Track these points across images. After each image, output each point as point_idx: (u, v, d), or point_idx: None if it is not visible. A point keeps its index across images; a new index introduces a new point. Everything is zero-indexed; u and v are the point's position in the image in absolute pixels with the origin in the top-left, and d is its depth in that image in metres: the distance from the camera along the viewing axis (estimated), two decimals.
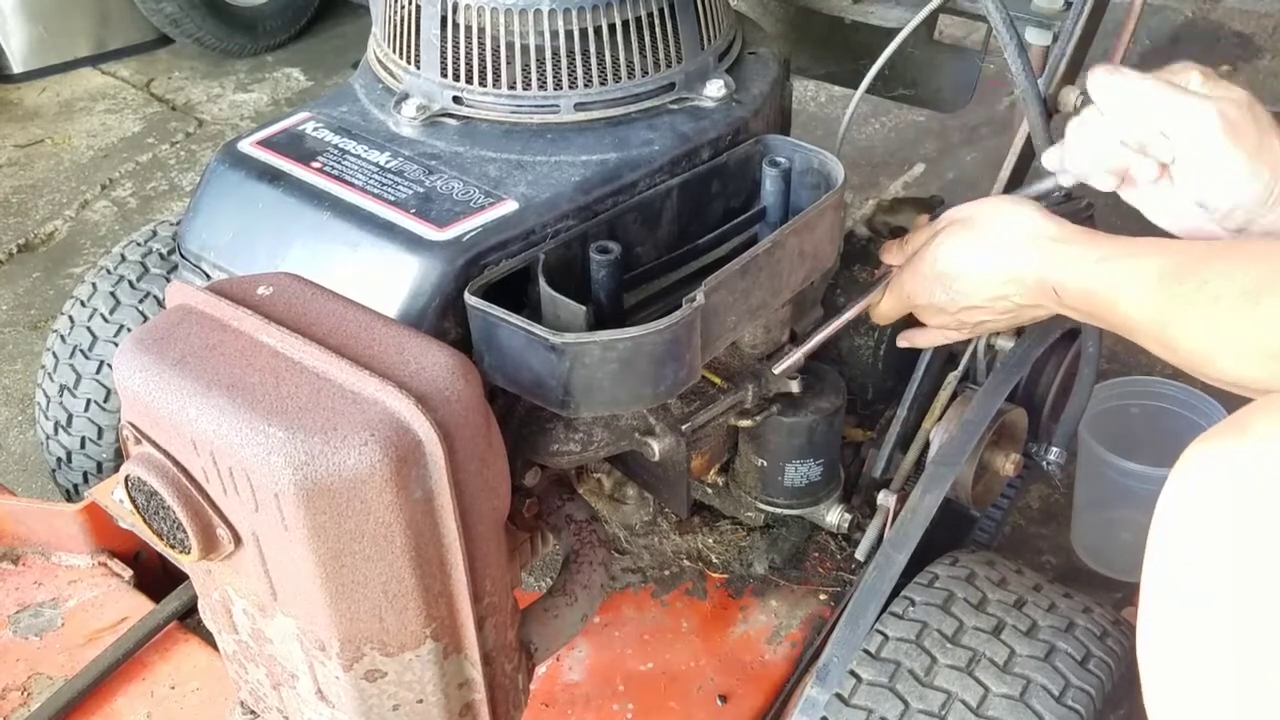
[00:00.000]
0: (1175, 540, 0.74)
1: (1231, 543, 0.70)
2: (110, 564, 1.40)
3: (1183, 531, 0.73)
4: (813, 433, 1.27)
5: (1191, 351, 0.85)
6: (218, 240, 1.03)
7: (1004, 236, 1.02)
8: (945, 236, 1.07)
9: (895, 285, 1.14)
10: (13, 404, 2.25)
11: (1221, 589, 0.70)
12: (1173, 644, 0.74)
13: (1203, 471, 0.73)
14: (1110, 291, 0.92)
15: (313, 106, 1.10)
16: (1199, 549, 0.72)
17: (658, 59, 1.05)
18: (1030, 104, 1.18)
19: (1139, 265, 0.90)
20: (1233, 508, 0.70)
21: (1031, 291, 1.00)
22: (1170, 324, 0.86)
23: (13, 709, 1.25)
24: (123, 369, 0.79)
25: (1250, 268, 0.82)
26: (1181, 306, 0.85)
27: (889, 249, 1.18)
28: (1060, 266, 0.97)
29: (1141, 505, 1.66)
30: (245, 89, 3.47)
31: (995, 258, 1.03)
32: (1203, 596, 0.71)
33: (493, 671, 0.93)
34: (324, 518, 0.75)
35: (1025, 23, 1.26)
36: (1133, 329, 0.90)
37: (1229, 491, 0.71)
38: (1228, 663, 0.70)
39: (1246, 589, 0.69)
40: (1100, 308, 0.93)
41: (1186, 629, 0.73)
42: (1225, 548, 0.70)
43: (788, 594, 1.41)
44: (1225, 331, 0.81)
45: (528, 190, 0.98)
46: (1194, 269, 0.85)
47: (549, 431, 1.05)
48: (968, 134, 2.96)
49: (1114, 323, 0.93)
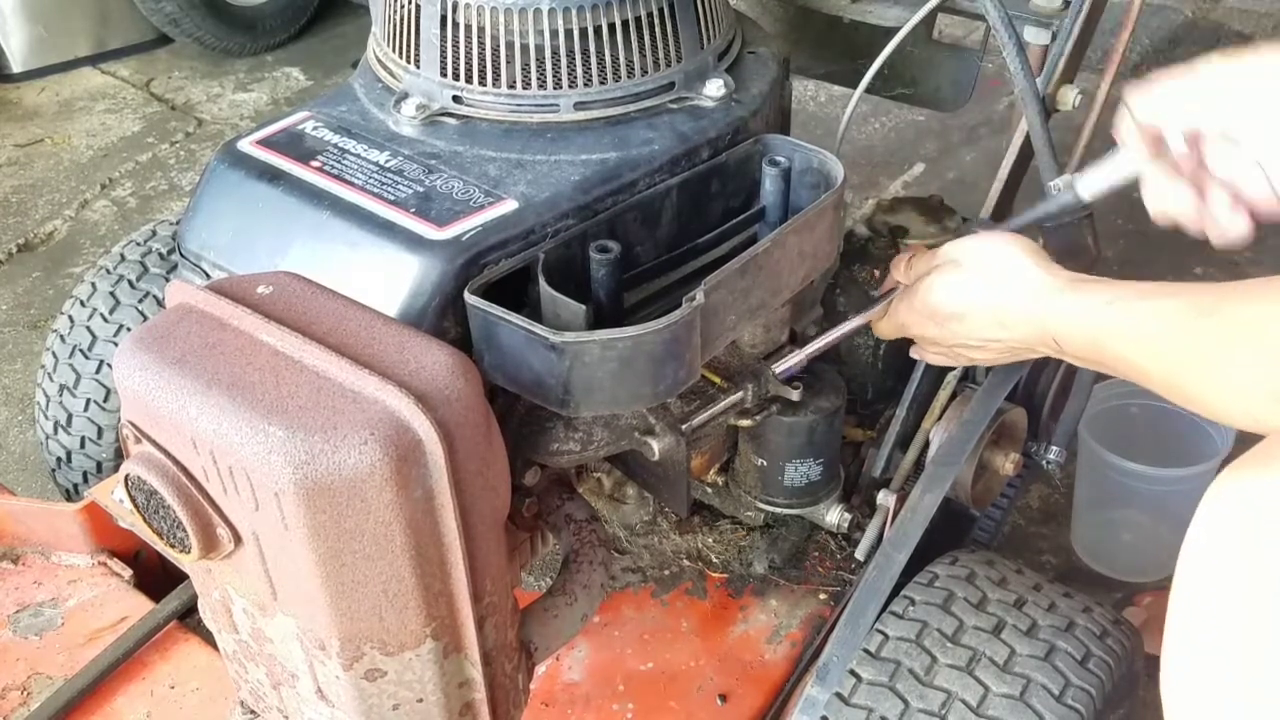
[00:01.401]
0: (1201, 571, 0.75)
1: (1253, 576, 0.71)
2: (110, 564, 1.40)
3: (1208, 562, 0.74)
4: (813, 432, 1.27)
5: (1208, 394, 0.81)
6: (217, 239, 1.03)
7: (997, 282, 1.01)
8: (939, 275, 1.05)
9: (894, 310, 1.13)
10: (13, 404, 2.25)
11: (1242, 621, 0.71)
12: (1194, 673, 0.75)
13: (1229, 504, 0.74)
14: (1118, 336, 0.89)
15: (312, 106, 1.10)
16: (1223, 581, 0.73)
17: (657, 58, 1.05)
18: (1029, 103, 1.18)
19: (1151, 308, 0.87)
20: (1255, 542, 0.71)
21: (1026, 339, 0.99)
22: (1186, 365, 0.83)
23: (13, 709, 1.25)
24: (122, 368, 0.79)
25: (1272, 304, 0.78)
26: (1199, 346, 0.82)
27: (896, 265, 1.16)
28: (1060, 317, 0.95)
29: (1141, 505, 1.69)
30: (245, 89, 3.47)
31: (987, 303, 1.01)
32: (1224, 628, 0.72)
33: (493, 671, 0.93)
34: (324, 517, 0.75)
35: (1024, 22, 1.26)
36: (1144, 372, 0.87)
37: (1252, 526, 0.71)
38: (1246, 694, 0.71)
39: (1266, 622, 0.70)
40: (1106, 354, 0.91)
41: (1208, 659, 0.73)
42: (1247, 581, 0.71)
43: (788, 594, 1.41)
44: (1245, 371, 0.78)
45: (527, 189, 0.98)
46: (1212, 307, 0.82)
47: (549, 431, 1.05)
48: (967, 134, 2.96)
49: (1120, 368, 0.91)
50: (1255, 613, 0.70)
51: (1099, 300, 0.92)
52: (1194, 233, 0.96)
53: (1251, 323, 0.78)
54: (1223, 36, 3.41)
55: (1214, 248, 0.95)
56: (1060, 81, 1.25)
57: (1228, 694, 0.72)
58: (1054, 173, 1.18)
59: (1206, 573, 0.74)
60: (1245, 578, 0.71)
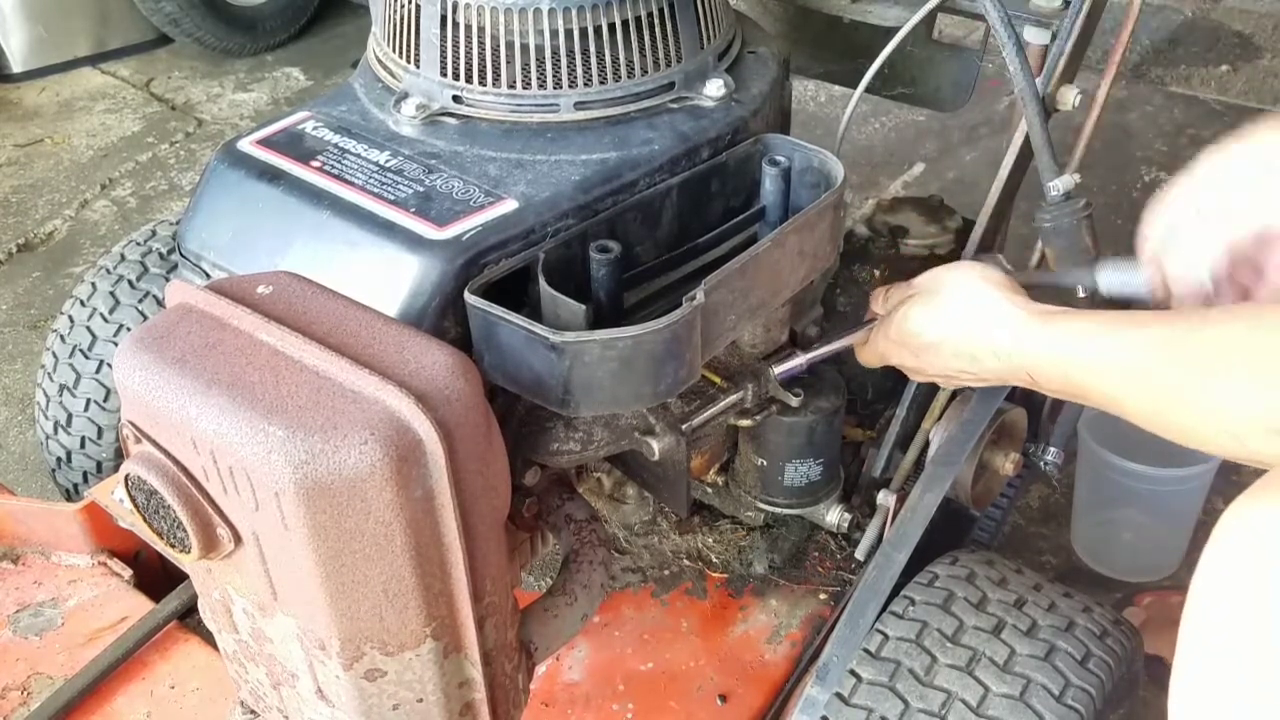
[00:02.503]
0: (1210, 601, 0.75)
1: (1262, 607, 0.71)
2: (110, 563, 1.40)
3: (1218, 592, 0.74)
4: (813, 432, 1.27)
5: (1186, 421, 0.80)
6: (217, 239, 1.03)
7: (966, 315, 0.99)
8: (910, 306, 1.04)
9: (873, 340, 1.11)
10: (13, 404, 2.25)
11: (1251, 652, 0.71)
12: (1202, 704, 0.75)
13: (1238, 533, 0.74)
14: (1090, 370, 0.87)
15: (312, 106, 1.10)
16: (1232, 611, 0.73)
17: (657, 58, 1.05)
18: (1029, 103, 1.18)
19: (1123, 339, 0.85)
20: (1267, 572, 0.71)
21: (998, 373, 0.97)
22: (1162, 394, 0.81)
23: (13, 709, 1.25)
24: (123, 368, 0.79)
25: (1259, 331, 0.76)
26: (1172, 374, 0.80)
27: (875, 297, 1.15)
28: (1031, 353, 0.93)
29: (1141, 505, 1.69)
30: (245, 88, 3.47)
31: (956, 334, 1.00)
32: (1233, 657, 0.72)
33: (493, 671, 0.93)
34: (324, 517, 0.75)
35: (1023, 22, 1.26)
36: (1120, 404, 0.85)
37: (1264, 555, 0.71)
38: None
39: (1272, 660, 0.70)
40: (1080, 387, 0.89)
41: (1215, 689, 0.74)
42: (1257, 612, 0.71)
43: (788, 593, 1.41)
44: (1222, 395, 0.76)
45: (527, 189, 0.98)
46: (1184, 334, 0.81)
47: (549, 431, 1.05)
48: (967, 134, 2.96)
49: (1096, 400, 0.88)
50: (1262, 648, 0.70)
51: (1069, 333, 0.90)
52: None
53: (1225, 346, 0.77)
54: (1222, 36, 3.41)
55: None
56: (1060, 81, 1.25)
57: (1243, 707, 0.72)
58: (1054, 173, 1.18)
59: (1215, 607, 0.74)
60: (1253, 613, 0.71)
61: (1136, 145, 2.91)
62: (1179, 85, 3.18)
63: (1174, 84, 3.19)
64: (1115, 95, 1.04)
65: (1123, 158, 2.84)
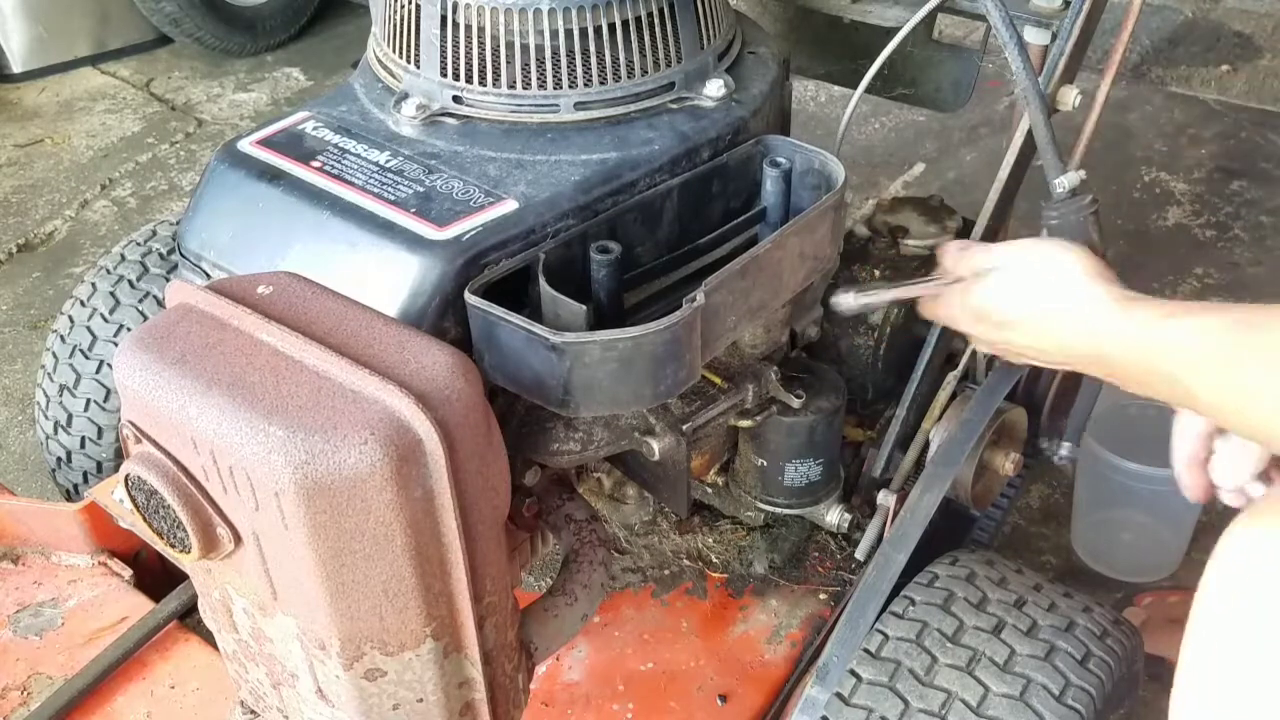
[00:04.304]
0: (1213, 619, 0.75)
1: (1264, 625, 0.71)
2: (110, 563, 1.40)
3: (1220, 610, 0.74)
4: (813, 432, 1.27)
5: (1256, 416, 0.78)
6: (217, 239, 1.03)
7: (1051, 295, 0.98)
8: (993, 280, 1.03)
9: (945, 302, 1.10)
10: (13, 404, 2.25)
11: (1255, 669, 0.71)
12: None
13: (1239, 552, 0.74)
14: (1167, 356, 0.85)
15: (312, 106, 1.10)
16: (1235, 629, 0.73)
17: (657, 58, 1.05)
18: (1032, 102, 1.18)
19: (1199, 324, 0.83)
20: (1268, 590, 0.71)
21: (1075, 356, 0.97)
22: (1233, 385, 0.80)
23: (13, 709, 1.25)
24: (123, 368, 0.79)
25: None
26: (1246, 365, 0.79)
27: (946, 251, 1.12)
28: (1112, 336, 0.92)
29: (1142, 505, 1.68)
30: (245, 89, 3.47)
31: (1040, 315, 0.99)
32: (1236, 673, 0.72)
33: (493, 671, 0.93)
34: (324, 516, 0.75)
35: (1024, 22, 1.26)
36: (1192, 394, 0.83)
37: (1265, 574, 0.71)
38: None
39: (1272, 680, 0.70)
40: (1155, 374, 0.87)
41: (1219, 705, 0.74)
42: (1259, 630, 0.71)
43: (788, 594, 1.41)
44: None
45: (528, 190, 0.98)
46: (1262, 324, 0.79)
47: (549, 431, 1.05)
48: (967, 134, 2.97)
49: (1168, 390, 0.87)
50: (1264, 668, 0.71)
51: (1151, 317, 0.88)
52: None
53: None
54: (1222, 36, 3.41)
55: None
56: (1060, 81, 1.25)
57: None
58: (1059, 171, 1.18)
59: (1218, 624, 0.74)
60: (1254, 631, 0.71)
61: (1136, 145, 2.91)
62: (1179, 85, 3.18)
63: (1174, 84, 3.19)
64: (1115, 95, 1.04)
65: (1123, 158, 2.85)
